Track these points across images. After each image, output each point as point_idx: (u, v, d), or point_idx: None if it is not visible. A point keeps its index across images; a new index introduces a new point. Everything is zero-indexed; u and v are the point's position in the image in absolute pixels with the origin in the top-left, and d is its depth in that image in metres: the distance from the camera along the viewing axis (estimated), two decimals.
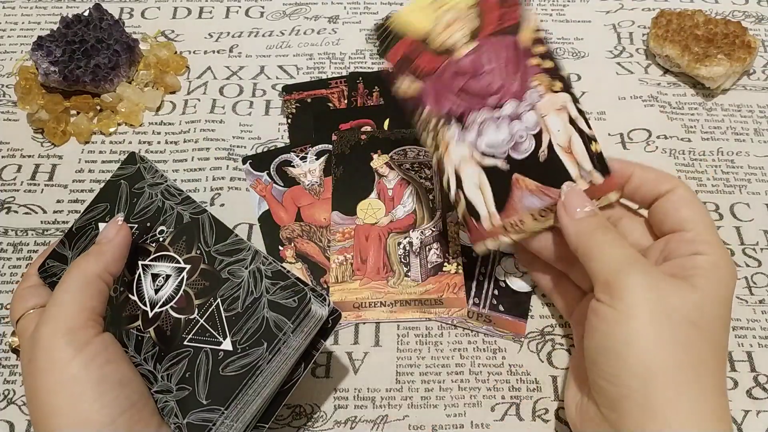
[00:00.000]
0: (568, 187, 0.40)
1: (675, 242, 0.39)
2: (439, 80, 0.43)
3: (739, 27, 0.59)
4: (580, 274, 0.42)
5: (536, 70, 0.42)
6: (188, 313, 0.38)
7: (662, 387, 0.33)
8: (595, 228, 0.38)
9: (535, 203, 0.41)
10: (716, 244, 0.38)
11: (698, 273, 0.36)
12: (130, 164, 0.44)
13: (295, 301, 0.36)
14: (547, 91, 0.42)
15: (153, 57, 0.60)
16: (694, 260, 0.37)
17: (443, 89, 0.43)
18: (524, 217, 0.41)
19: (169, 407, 0.36)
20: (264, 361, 0.35)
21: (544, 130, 0.42)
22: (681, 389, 0.33)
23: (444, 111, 0.43)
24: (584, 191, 0.40)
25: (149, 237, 0.41)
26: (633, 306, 0.34)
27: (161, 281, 0.39)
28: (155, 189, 0.42)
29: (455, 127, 0.43)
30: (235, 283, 0.38)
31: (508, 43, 0.42)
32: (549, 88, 0.42)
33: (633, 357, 0.34)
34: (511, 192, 0.42)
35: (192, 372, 0.36)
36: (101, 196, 0.44)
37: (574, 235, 0.38)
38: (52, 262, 0.42)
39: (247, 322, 0.36)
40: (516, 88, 0.42)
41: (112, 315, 0.40)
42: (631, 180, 0.41)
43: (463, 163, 0.42)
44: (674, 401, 0.33)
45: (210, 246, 0.39)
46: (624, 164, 0.41)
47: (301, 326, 0.36)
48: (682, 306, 0.35)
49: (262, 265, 0.38)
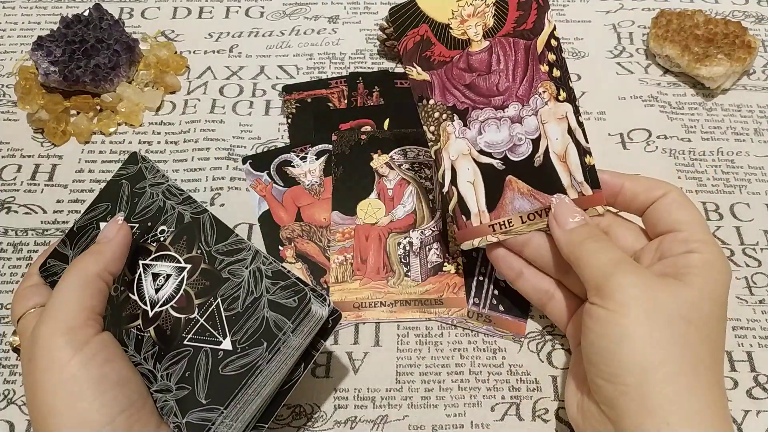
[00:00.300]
0: (558, 199, 0.41)
1: (668, 242, 0.39)
2: (448, 73, 0.44)
3: (739, 27, 0.59)
4: (574, 281, 0.42)
5: (544, 77, 0.43)
6: (188, 312, 0.38)
7: (659, 383, 0.33)
8: (586, 237, 0.39)
9: (525, 206, 0.42)
10: (710, 243, 0.38)
11: (691, 271, 0.36)
12: (131, 164, 0.44)
13: (295, 301, 0.36)
14: (552, 98, 0.43)
15: (153, 57, 0.60)
16: (687, 258, 0.37)
17: (451, 83, 0.43)
18: (513, 218, 0.42)
19: (169, 406, 0.36)
20: (264, 361, 0.35)
21: (543, 136, 0.43)
22: (678, 386, 0.34)
23: (449, 104, 0.44)
24: (573, 200, 0.41)
25: (150, 237, 0.41)
26: (624, 305, 0.35)
27: (162, 281, 0.39)
28: (156, 189, 0.42)
29: (457, 121, 0.43)
30: (236, 283, 0.38)
31: (522, 47, 0.43)
32: (554, 96, 0.43)
33: (627, 355, 0.34)
34: (503, 192, 0.43)
35: (191, 371, 0.36)
36: (102, 196, 0.44)
37: (566, 245, 0.39)
38: (53, 261, 0.42)
39: (247, 321, 0.36)
40: (522, 92, 0.43)
41: (113, 314, 0.40)
42: (622, 192, 0.42)
43: (460, 158, 0.43)
44: (672, 397, 0.33)
45: (210, 246, 0.39)
46: (614, 176, 0.42)
47: (301, 326, 0.36)
48: (674, 303, 0.35)
49: (263, 265, 0.38)
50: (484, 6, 0.44)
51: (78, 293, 0.36)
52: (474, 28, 0.43)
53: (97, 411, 0.33)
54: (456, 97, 0.43)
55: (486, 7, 0.44)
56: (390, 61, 0.61)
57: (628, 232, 0.42)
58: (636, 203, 0.42)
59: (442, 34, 0.44)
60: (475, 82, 0.43)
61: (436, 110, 0.43)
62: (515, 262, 0.43)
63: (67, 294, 0.36)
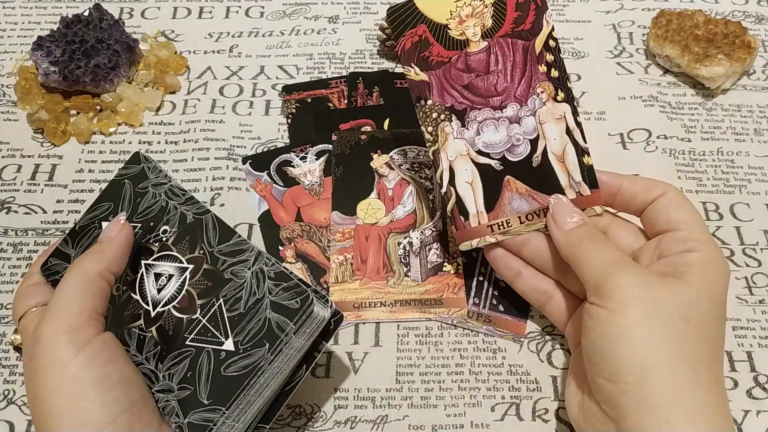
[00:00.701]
0: (556, 200, 0.41)
1: (667, 241, 0.39)
2: (446, 74, 0.44)
3: (739, 27, 0.59)
4: (572, 281, 0.42)
5: (543, 78, 0.43)
6: (190, 312, 0.38)
7: (659, 382, 0.33)
8: (585, 237, 0.39)
9: (523, 206, 0.42)
10: (708, 242, 0.38)
11: (690, 270, 0.36)
12: (134, 164, 0.44)
13: (297, 303, 0.36)
14: (550, 99, 0.43)
15: (153, 57, 0.60)
16: (685, 257, 0.37)
17: (449, 83, 0.43)
18: (512, 219, 0.42)
19: (170, 407, 0.36)
20: (266, 362, 0.35)
21: (541, 136, 0.43)
22: (678, 384, 0.34)
23: (447, 105, 0.44)
24: (572, 200, 0.41)
25: (152, 236, 0.41)
26: (623, 304, 0.35)
27: (164, 281, 0.39)
28: (159, 189, 0.42)
29: (455, 122, 0.43)
30: (238, 284, 0.38)
31: (520, 47, 0.43)
32: (552, 96, 0.43)
33: (627, 353, 0.34)
34: (501, 193, 0.43)
35: (193, 372, 0.36)
36: (105, 195, 0.44)
37: (564, 245, 0.39)
38: (54, 260, 0.42)
39: (249, 322, 0.36)
40: (520, 92, 0.43)
41: (114, 314, 0.40)
42: (620, 192, 0.42)
43: (458, 159, 0.43)
44: (672, 396, 0.33)
45: (213, 246, 0.39)
46: (612, 177, 0.42)
47: (304, 327, 0.36)
48: (673, 302, 0.35)
49: (265, 266, 0.38)
50: (483, 6, 0.44)
51: (80, 293, 0.36)
52: (472, 29, 0.43)
53: (99, 411, 0.33)
54: (454, 98, 0.43)
55: (484, 7, 0.44)
56: (390, 61, 0.61)
57: (626, 231, 0.42)
58: (634, 203, 0.42)
59: (441, 34, 0.44)
60: (473, 83, 0.43)
61: (434, 110, 0.43)
62: (513, 262, 0.43)
63: (69, 293, 0.36)
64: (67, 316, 0.35)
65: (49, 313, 0.35)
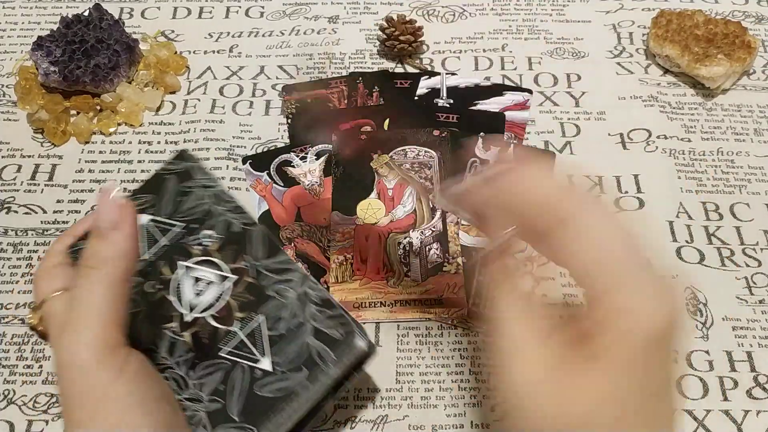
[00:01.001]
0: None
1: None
2: None
3: (739, 27, 0.59)
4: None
5: None
6: (228, 324, 0.37)
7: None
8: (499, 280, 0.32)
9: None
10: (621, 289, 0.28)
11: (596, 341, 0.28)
12: (179, 160, 0.42)
13: (342, 335, 0.36)
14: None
15: (153, 57, 0.60)
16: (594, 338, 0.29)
17: None
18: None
19: (198, 417, 0.35)
20: (302, 389, 0.35)
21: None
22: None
23: None
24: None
25: (192, 239, 0.40)
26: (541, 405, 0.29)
27: (203, 286, 0.38)
28: (206, 191, 0.41)
29: None
30: (281, 303, 0.37)
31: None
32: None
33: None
34: None
35: (226, 385, 0.36)
36: (147, 187, 0.42)
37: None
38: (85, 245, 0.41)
39: (289, 345, 0.36)
40: None
41: (147, 311, 0.38)
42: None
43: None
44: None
45: (258, 260, 0.39)
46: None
47: (344, 359, 0.36)
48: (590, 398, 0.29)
49: (310, 290, 0.37)
50: None
51: (108, 304, 0.33)
52: None
53: (147, 429, 0.32)
54: None
55: None
56: (390, 61, 0.61)
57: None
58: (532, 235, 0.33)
59: None
60: None
61: None
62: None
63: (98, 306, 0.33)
64: (103, 336, 0.32)
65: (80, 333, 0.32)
